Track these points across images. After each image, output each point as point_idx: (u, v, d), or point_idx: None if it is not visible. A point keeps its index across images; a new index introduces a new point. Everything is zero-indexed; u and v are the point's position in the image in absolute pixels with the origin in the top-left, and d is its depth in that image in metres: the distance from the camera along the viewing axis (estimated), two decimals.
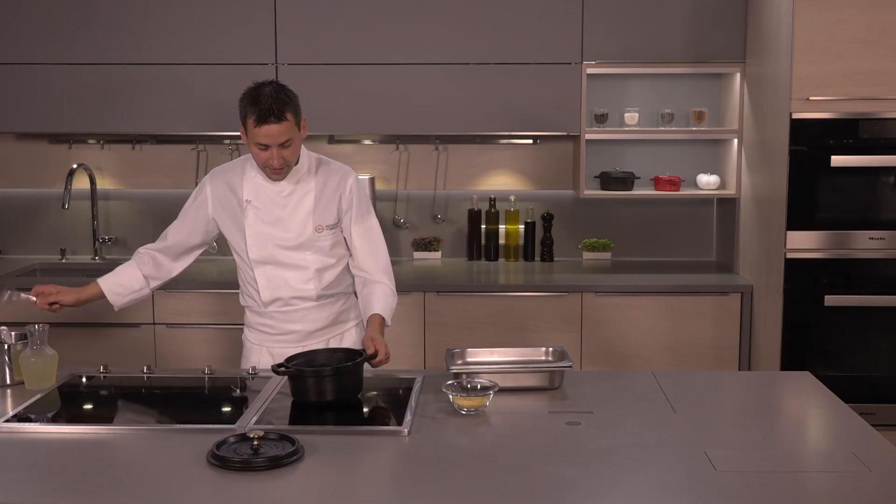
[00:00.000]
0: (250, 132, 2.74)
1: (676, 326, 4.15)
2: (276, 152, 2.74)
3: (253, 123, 2.71)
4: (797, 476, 2.06)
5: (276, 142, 2.72)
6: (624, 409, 2.50)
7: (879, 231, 3.80)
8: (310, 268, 2.89)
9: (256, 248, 2.89)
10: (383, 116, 4.34)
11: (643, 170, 4.61)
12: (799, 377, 2.83)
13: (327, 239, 2.90)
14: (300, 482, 2.01)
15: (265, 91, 2.72)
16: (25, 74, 4.37)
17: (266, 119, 2.69)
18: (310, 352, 2.64)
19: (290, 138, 2.75)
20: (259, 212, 2.88)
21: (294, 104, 2.76)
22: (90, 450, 2.20)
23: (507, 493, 1.97)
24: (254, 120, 2.70)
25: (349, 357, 2.57)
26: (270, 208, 2.88)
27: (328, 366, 2.52)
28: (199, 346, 4.20)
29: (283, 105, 2.71)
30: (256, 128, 2.70)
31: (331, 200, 2.89)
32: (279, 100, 2.70)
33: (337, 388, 2.47)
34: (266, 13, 4.30)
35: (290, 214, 2.87)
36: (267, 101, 2.69)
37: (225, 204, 2.93)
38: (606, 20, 4.27)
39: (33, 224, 4.83)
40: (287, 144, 2.75)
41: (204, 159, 4.73)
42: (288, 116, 2.71)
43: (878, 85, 3.71)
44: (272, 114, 2.68)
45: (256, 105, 2.70)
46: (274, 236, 2.88)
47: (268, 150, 2.74)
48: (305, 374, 2.47)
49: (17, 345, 2.69)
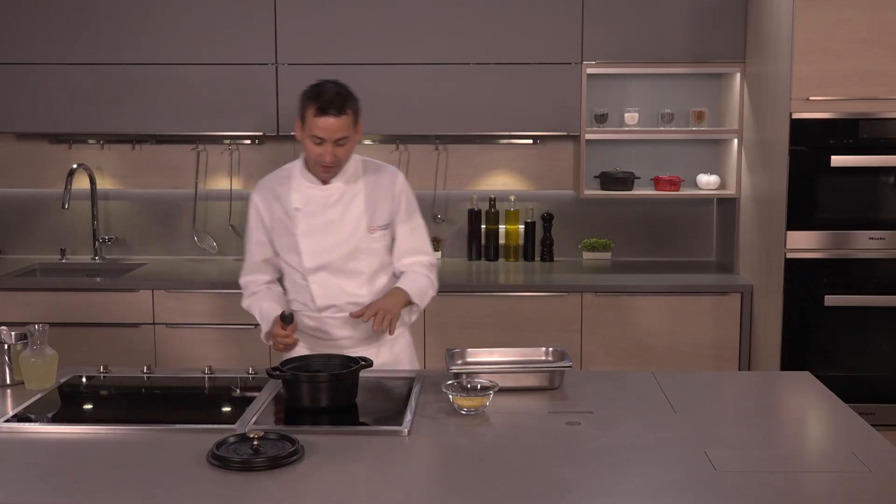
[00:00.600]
0: (308, 123, 2.73)
1: (676, 326, 4.15)
2: (330, 148, 2.73)
3: (312, 113, 2.70)
4: (797, 476, 2.06)
5: (333, 136, 2.71)
6: (624, 409, 2.50)
7: (879, 231, 3.80)
8: (363, 273, 2.88)
9: (311, 255, 2.86)
10: (383, 116, 4.34)
11: (643, 170, 4.61)
12: (799, 377, 2.83)
13: (380, 240, 2.89)
14: (300, 482, 2.01)
15: (328, 86, 2.73)
16: (25, 74, 4.37)
17: (326, 110, 2.68)
18: (304, 356, 2.62)
19: (347, 136, 2.75)
20: (309, 218, 2.85)
21: (355, 103, 2.77)
22: (90, 450, 2.20)
23: (507, 493, 1.97)
24: (314, 110, 2.69)
25: (345, 363, 2.56)
26: (320, 214, 2.85)
27: (323, 371, 2.50)
28: (198, 346, 4.20)
29: (345, 100, 2.72)
30: (315, 118, 2.69)
31: (381, 200, 2.88)
32: (342, 95, 2.72)
33: (331, 395, 2.45)
34: (266, 13, 4.30)
35: (341, 217, 2.85)
36: (330, 94, 2.70)
37: (274, 214, 2.90)
38: (606, 20, 4.27)
39: (33, 224, 4.83)
40: (342, 142, 2.75)
41: (204, 159, 4.73)
42: (348, 112, 2.72)
43: (878, 85, 3.71)
44: (333, 106, 2.69)
45: (319, 97, 2.70)
46: (327, 241, 2.85)
47: (322, 146, 2.73)
48: (300, 380, 2.46)
49: (17, 345, 2.69)
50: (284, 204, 2.87)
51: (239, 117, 4.37)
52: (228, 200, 4.77)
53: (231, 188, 4.75)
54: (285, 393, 2.50)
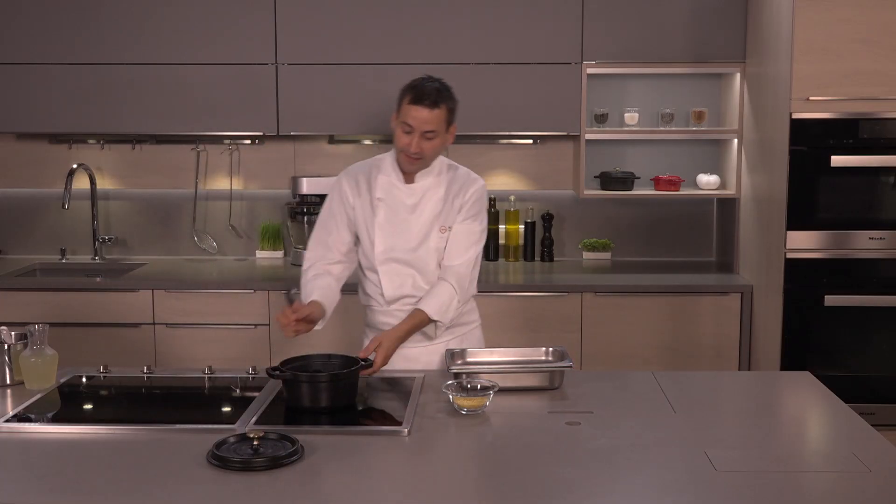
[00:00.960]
0: (402, 110, 2.79)
1: (676, 326, 4.15)
2: (416, 139, 2.79)
3: (408, 101, 2.77)
4: (797, 476, 2.06)
5: (422, 128, 2.77)
6: (624, 409, 2.50)
7: (879, 231, 3.80)
8: (431, 269, 2.92)
9: (382, 245, 2.91)
10: (383, 116, 4.32)
11: (643, 170, 4.61)
12: (799, 377, 2.83)
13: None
14: (300, 482, 2.01)
15: (431, 81, 2.81)
16: (25, 74, 4.37)
17: (421, 100, 2.75)
18: (304, 356, 2.62)
19: (436, 131, 2.80)
20: (389, 211, 2.91)
21: (453, 102, 2.84)
22: (90, 450, 2.20)
23: (507, 493, 1.97)
24: (410, 98, 2.77)
25: (346, 363, 2.56)
26: (399, 208, 2.91)
27: (323, 371, 2.50)
28: (198, 346, 4.20)
29: (442, 96, 2.79)
30: (409, 105, 2.77)
31: (454, 202, 2.94)
32: (440, 91, 2.79)
33: (331, 395, 2.45)
34: (266, 13, 4.30)
35: (418, 216, 2.91)
36: (429, 87, 2.77)
37: (359, 199, 2.95)
38: (606, 20, 4.27)
39: (33, 224, 4.83)
40: (430, 136, 2.80)
41: (204, 159, 4.73)
42: (442, 107, 2.78)
43: (878, 85, 3.71)
44: (428, 98, 2.75)
45: (417, 87, 2.78)
46: (401, 235, 2.91)
47: (410, 135, 2.79)
48: (300, 380, 2.46)
49: (17, 345, 2.69)
50: (369, 192, 2.93)
51: (239, 117, 4.37)
52: (228, 200, 4.77)
53: (231, 188, 4.75)
54: (285, 393, 2.50)
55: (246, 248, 4.81)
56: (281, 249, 4.74)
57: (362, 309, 3.08)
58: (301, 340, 4.20)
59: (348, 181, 2.98)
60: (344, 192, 2.97)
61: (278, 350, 4.16)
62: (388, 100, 4.29)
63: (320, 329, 2.85)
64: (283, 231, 4.74)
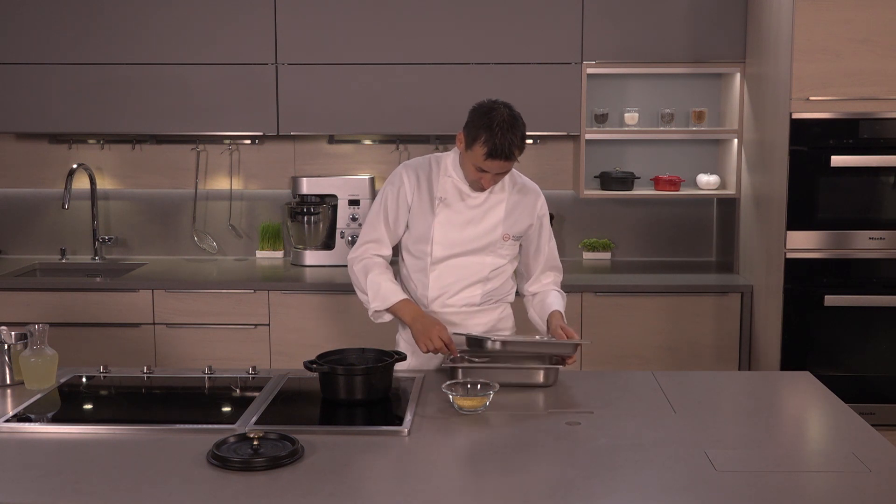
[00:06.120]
0: (475, 154, 2.74)
1: (676, 326, 4.15)
2: (491, 178, 2.79)
3: (482, 153, 2.71)
4: (797, 476, 2.06)
5: (497, 171, 2.77)
6: (624, 409, 2.50)
7: (879, 231, 3.81)
8: (483, 273, 2.93)
9: (441, 246, 2.90)
10: (383, 116, 4.34)
11: (643, 170, 4.61)
12: (799, 377, 2.83)
13: (510, 248, 2.96)
14: (300, 482, 2.01)
15: (503, 121, 2.70)
16: (25, 74, 4.37)
17: (496, 156, 2.71)
18: (339, 350, 2.66)
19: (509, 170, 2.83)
20: (449, 211, 2.90)
21: (524, 138, 2.77)
22: (90, 450, 2.20)
23: (507, 493, 1.97)
24: (485, 152, 2.71)
25: (380, 357, 2.60)
26: (462, 211, 2.90)
27: (359, 364, 2.56)
28: (198, 346, 4.20)
29: (518, 146, 2.73)
30: (484, 159, 2.72)
31: (522, 216, 2.94)
32: (512, 141, 2.71)
33: (367, 388, 2.50)
34: (266, 13, 4.30)
35: (480, 220, 2.91)
36: (504, 136, 2.69)
37: (419, 195, 2.93)
38: (606, 20, 4.27)
39: (33, 224, 4.83)
40: (504, 173, 2.82)
41: (204, 159, 4.74)
42: (516, 155, 2.75)
43: (878, 85, 3.71)
44: (504, 153, 2.71)
45: (492, 136, 2.69)
46: (460, 237, 2.90)
47: (483, 174, 2.78)
48: (337, 373, 2.50)
49: (17, 345, 2.69)
50: (430, 189, 2.92)
51: (239, 117, 4.37)
52: (228, 200, 4.77)
53: (231, 188, 4.75)
54: (321, 386, 2.53)
55: (246, 247, 4.81)
56: (281, 249, 4.74)
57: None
58: (300, 340, 4.21)
59: (409, 176, 2.94)
60: (403, 185, 2.93)
61: (278, 350, 4.17)
62: (388, 100, 4.33)
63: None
64: (282, 231, 4.74)
